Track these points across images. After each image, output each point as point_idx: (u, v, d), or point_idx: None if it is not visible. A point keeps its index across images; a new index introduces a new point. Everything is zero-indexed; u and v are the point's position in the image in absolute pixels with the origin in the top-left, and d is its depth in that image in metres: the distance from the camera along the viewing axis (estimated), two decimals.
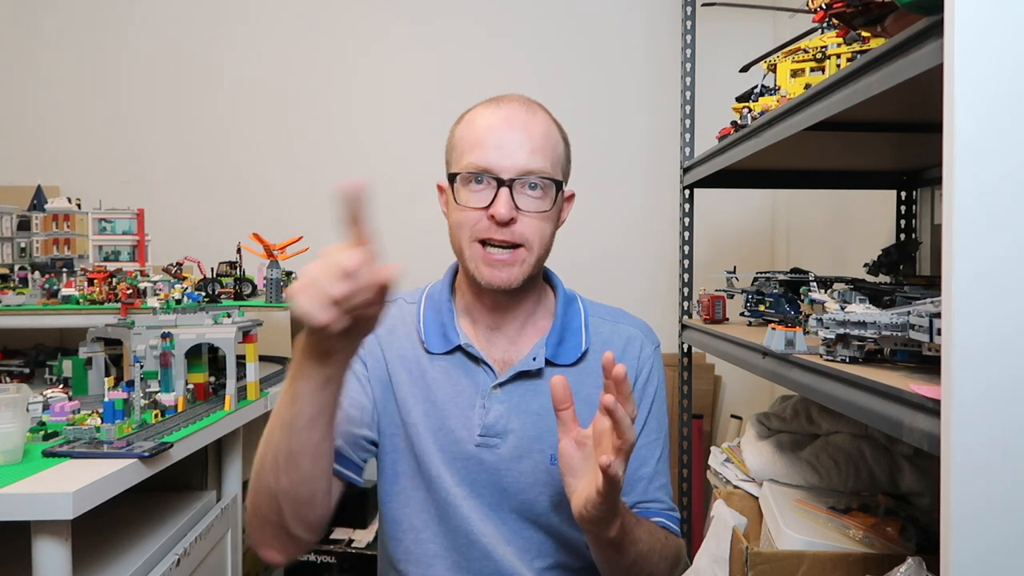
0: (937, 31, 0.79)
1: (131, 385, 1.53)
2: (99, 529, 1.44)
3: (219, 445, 1.78)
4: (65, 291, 2.17)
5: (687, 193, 2.31)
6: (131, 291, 2.13)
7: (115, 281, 2.16)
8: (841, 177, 2.15)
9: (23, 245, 2.41)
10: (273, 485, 0.89)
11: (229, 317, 1.78)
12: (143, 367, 1.61)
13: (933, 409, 0.83)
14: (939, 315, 0.86)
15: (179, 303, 1.94)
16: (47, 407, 1.53)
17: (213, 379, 1.83)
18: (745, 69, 1.90)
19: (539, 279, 1.12)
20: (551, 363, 1.08)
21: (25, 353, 2.35)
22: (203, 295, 2.20)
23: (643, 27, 3.21)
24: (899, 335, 1.00)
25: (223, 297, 2.32)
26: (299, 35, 3.25)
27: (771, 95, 1.60)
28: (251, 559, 2.05)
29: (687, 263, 2.33)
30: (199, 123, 3.26)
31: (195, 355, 1.71)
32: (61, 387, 1.73)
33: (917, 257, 2.02)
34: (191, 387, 1.70)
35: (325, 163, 3.25)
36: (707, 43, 2.66)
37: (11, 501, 1.09)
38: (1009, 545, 0.74)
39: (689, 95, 2.35)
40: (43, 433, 1.40)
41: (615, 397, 0.80)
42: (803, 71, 1.47)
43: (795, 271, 1.80)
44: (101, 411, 1.43)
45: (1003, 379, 0.74)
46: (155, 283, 2.16)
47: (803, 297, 1.45)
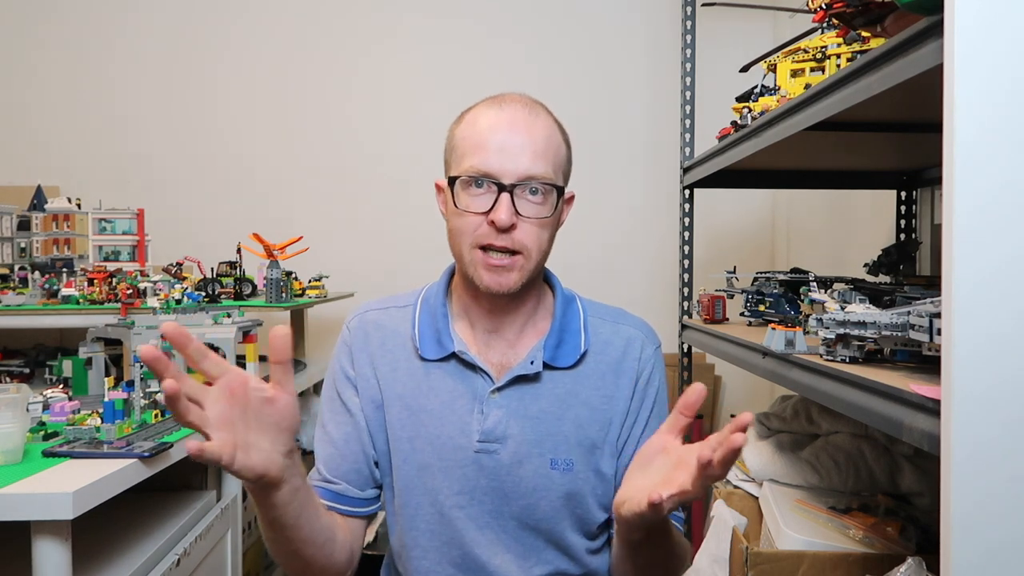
0: (937, 31, 0.79)
1: (131, 385, 1.53)
2: (99, 529, 1.44)
3: None
4: (65, 291, 2.17)
5: (687, 193, 2.31)
6: (131, 291, 2.13)
7: (115, 281, 2.16)
8: (841, 177, 2.15)
9: (23, 245, 2.41)
10: (289, 563, 0.99)
11: (229, 317, 1.78)
12: (143, 367, 1.61)
13: (933, 409, 0.83)
14: (939, 315, 0.86)
15: (179, 303, 1.94)
16: (47, 407, 1.53)
17: None
18: (745, 69, 1.90)
19: (538, 281, 1.11)
20: (549, 366, 1.06)
21: (25, 353, 2.35)
22: (203, 295, 2.20)
23: (643, 27, 3.21)
24: (899, 335, 1.00)
25: (223, 297, 2.32)
26: (299, 35, 3.25)
27: (771, 95, 1.60)
28: (251, 559, 2.05)
29: (687, 263, 2.33)
30: (199, 123, 3.26)
31: None
32: (61, 387, 1.73)
33: (917, 257, 2.02)
34: None
35: (325, 163, 3.25)
36: (707, 43, 2.66)
37: (11, 501, 1.09)
38: (1009, 545, 0.74)
39: (689, 95, 2.35)
40: (43, 433, 1.40)
41: (715, 456, 0.73)
42: (803, 71, 1.47)
43: (795, 271, 1.80)
44: (101, 411, 1.43)
45: (1003, 379, 0.74)
46: (155, 283, 2.16)
47: (803, 297, 1.45)
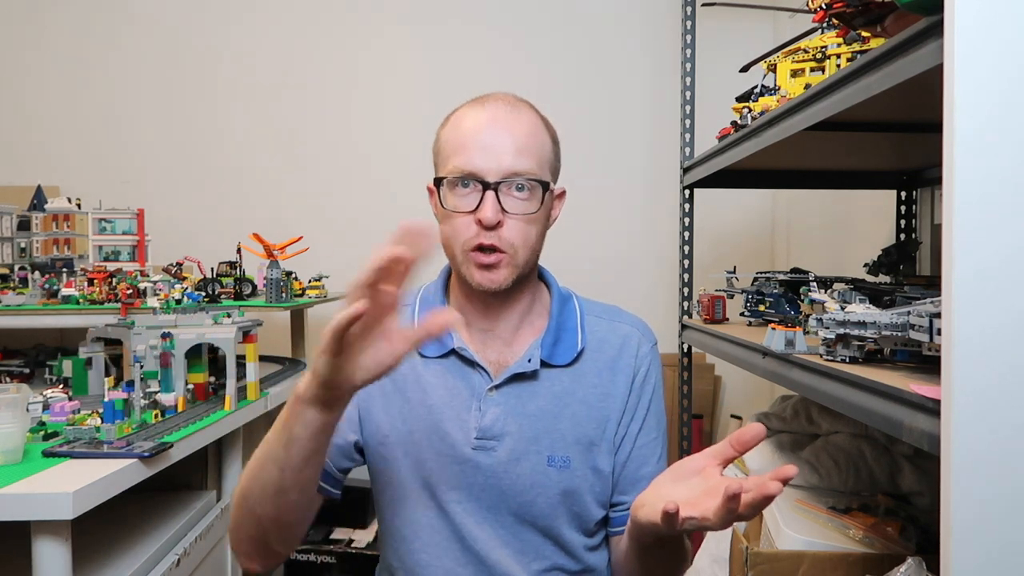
0: (937, 31, 0.79)
1: (131, 385, 1.53)
2: (99, 529, 1.44)
3: (219, 445, 1.78)
4: (65, 291, 2.17)
5: (687, 193, 2.31)
6: (131, 291, 2.13)
7: (115, 281, 2.16)
8: (841, 177, 2.15)
9: (23, 245, 2.41)
10: (259, 512, 0.93)
11: (229, 317, 1.78)
12: (143, 367, 1.61)
13: (933, 409, 0.83)
14: (939, 315, 0.86)
15: (179, 303, 1.94)
16: (47, 407, 1.54)
17: (213, 379, 1.83)
18: (745, 69, 1.90)
19: (532, 279, 1.11)
20: (547, 364, 1.07)
21: (25, 353, 2.35)
22: (203, 295, 2.20)
23: (643, 27, 3.21)
24: (899, 335, 1.00)
25: (223, 297, 2.32)
26: (300, 36, 3.25)
27: (771, 95, 1.60)
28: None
29: (687, 263, 2.33)
30: (199, 123, 3.26)
31: (195, 355, 1.71)
32: (61, 387, 1.73)
33: (917, 257, 2.02)
34: (191, 387, 1.70)
35: (325, 163, 3.25)
36: (707, 43, 2.66)
37: (11, 501, 1.09)
38: (1009, 545, 0.74)
39: (689, 95, 2.35)
40: (43, 433, 1.40)
41: (745, 496, 0.73)
42: (803, 71, 1.47)
43: (795, 271, 1.80)
44: (101, 411, 1.43)
45: (1003, 379, 0.74)
46: (155, 283, 2.16)
47: (803, 297, 1.45)
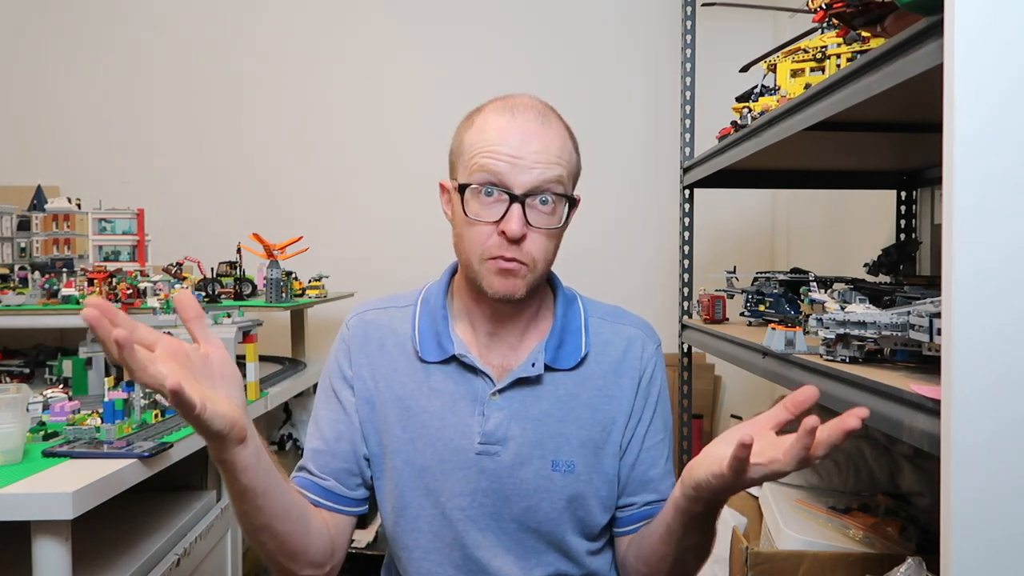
0: (937, 31, 0.79)
1: (131, 385, 1.53)
2: (99, 529, 1.44)
3: None
4: (65, 291, 2.17)
5: (687, 193, 2.31)
6: (131, 291, 2.13)
7: (115, 281, 2.16)
8: (841, 177, 2.15)
9: (23, 245, 2.41)
10: (266, 542, 0.96)
11: (229, 317, 1.78)
12: None
13: (933, 409, 0.83)
14: (939, 315, 0.86)
15: None
16: (47, 407, 1.54)
17: None
18: (745, 69, 1.90)
19: (542, 285, 1.09)
20: (550, 368, 1.05)
21: (25, 353, 2.35)
22: (203, 295, 2.20)
23: (643, 27, 3.21)
24: (899, 335, 1.00)
25: (223, 297, 2.32)
26: (300, 36, 3.25)
27: (771, 95, 1.60)
28: (251, 559, 2.05)
29: (687, 263, 2.33)
30: (199, 123, 3.27)
31: None
32: (61, 387, 1.73)
33: (917, 257, 2.02)
34: None
35: (326, 163, 3.25)
36: (707, 43, 2.66)
37: (11, 501, 1.09)
38: (1009, 544, 0.74)
39: (689, 95, 2.35)
40: (43, 433, 1.40)
41: (822, 433, 0.72)
42: (803, 71, 1.47)
43: (795, 271, 1.80)
44: (101, 411, 1.43)
45: (1003, 379, 0.74)
46: (155, 283, 2.16)
47: (803, 297, 1.45)
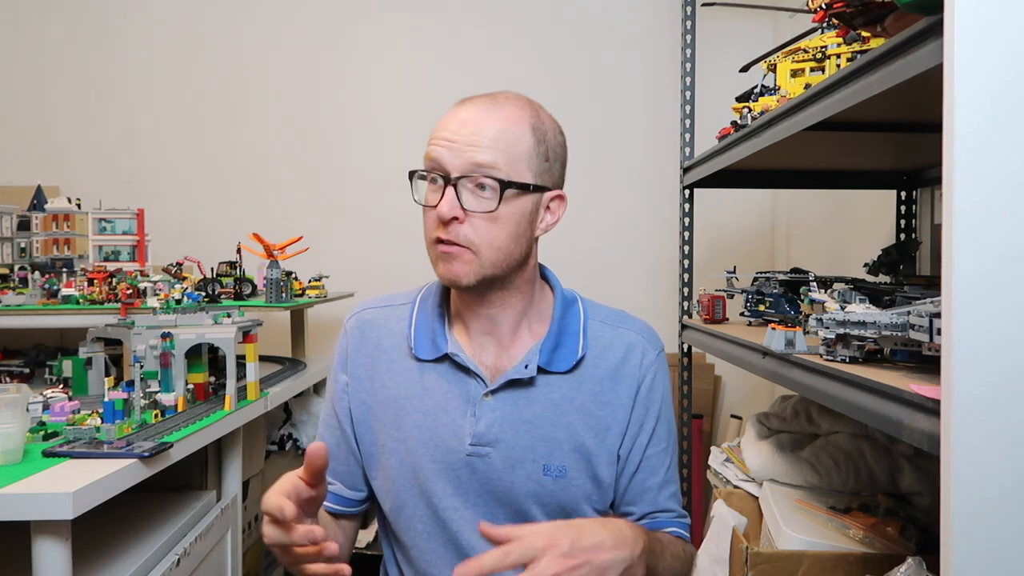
0: (937, 31, 0.79)
1: (131, 385, 1.53)
2: (99, 529, 1.44)
3: (219, 445, 1.78)
4: (65, 291, 2.17)
5: (687, 193, 2.31)
6: (131, 291, 2.13)
7: (115, 281, 2.16)
8: (841, 177, 2.16)
9: (23, 245, 2.41)
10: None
11: (229, 317, 1.78)
12: (143, 367, 1.61)
13: (933, 409, 0.83)
14: (939, 315, 0.86)
15: (179, 303, 1.93)
16: (47, 407, 1.53)
17: (213, 379, 1.83)
18: (745, 69, 1.90)
19: (521, 282, 1.06)
20: (545, 370, 1.04)
21: (25, 353, 2.35)
22: (203, 295, 2.20)
23: (643, 27, 3.21)
24: (899, 335, 1.00)
25: (223, 297, 2.32)
26: (301, 37, 3.25)
27: (771, 95, 1.60)
28: (251, 559, 2.05)
29: (687, 263, 2.33)
30: (199, 123, 3.27)
31: (195, 355, 1.71)
32: (61, 387, 1.73)
33: (917, 257, 2.02)
34: (191, 387, 1.70)
35: (326, 163, 3.25)
36: (707, 43, 2.67)
37: (11, 501, 1.09)
38: (1009, 545, 0.74)
39: (689, 95, 2.35)
40: (43, 433, 1.40)
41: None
42: (803, 71, 1.47)
43: (795, 271, 1.80)
44: (101, 411, 1.43)
45: (1003, 379, 0.74)
46: (155, 283, 2.16)
47: (803, 297, 1.45)
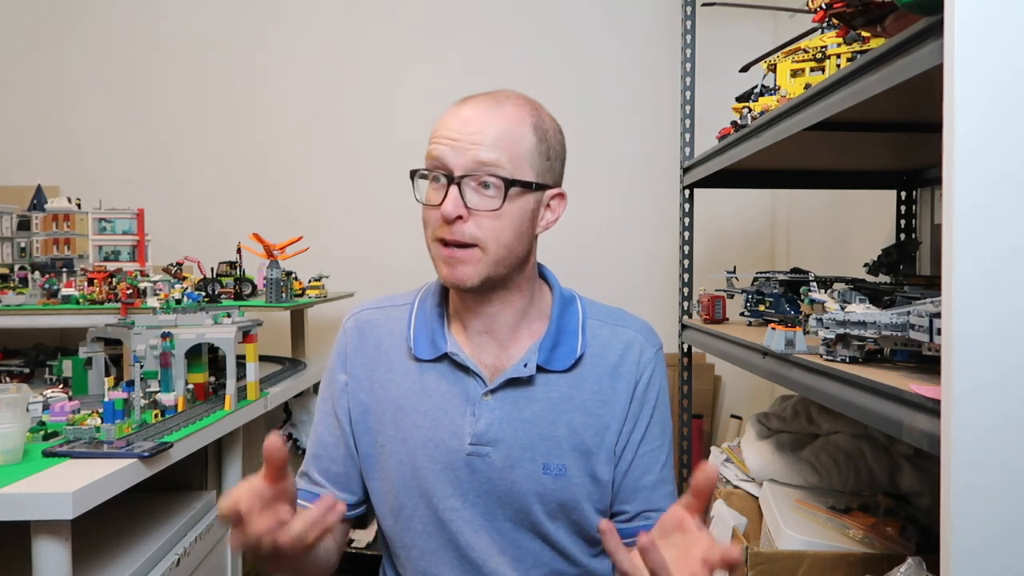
0: (937, 31, 0.79)
1: (131, 385, 1.53)
2: (99, 529, 1.44)
3: (219, 445, 1.78)
4: (65, 291, 2.17)
5: (687, 193, 2.31)
6: (131, 291, 2.13)
7: (115, 281, 2.16)
8: (841, 177, 2.16)
9: (23, 245, 2.41)
10: None
11: (229, 317, 1.78)
12: (143, 367, 1.61)
13: (933, 409, 0.83)
14: (939, 315, 0.86)
15: (179, 303, 1.94)
16: (47, 407, 1.54)
17: (213, 379, 1.83)
18: (745, 69, 1.90)
19: (523, 280, 1.06)
20: (544, 369, 1.04)
21: (25, 353, 2.35)
22: (203, 295, 2.20)
23: (643, 27, 3.21)
24: (899, 335, 1.00)
25: (223, 297, 2.32)
26: (301, 37, 3.25)
27: (771, 95, 1.60)
28: (251, 559, 2.05)
29: (687, 263, 2.33)
30: (199, 123, 3.27)
31: (195, 355, 1.71)
32: (61, 387, 1.74)
33: (917, 257, 2.02)
34: (191, 387, 1.70)
35: (326, 163, 3.25)
36: (707, 43, 2.67)
37: (11, 501, 1.09)
38: (1009, 545, 0.74)
39: (689, 95, 2.35)
40: (43, 433, 1.40)
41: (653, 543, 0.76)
42: (803, 71, 1.47)
43: (795, 271, 1.80)
44: (101, 411, 1.43)
45: (1003, 379, 0.74)
46: (155, 283, 2.16)
47: (803, 297, 1.45)
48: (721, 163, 1.87)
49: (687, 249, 2.33)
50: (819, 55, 1.43)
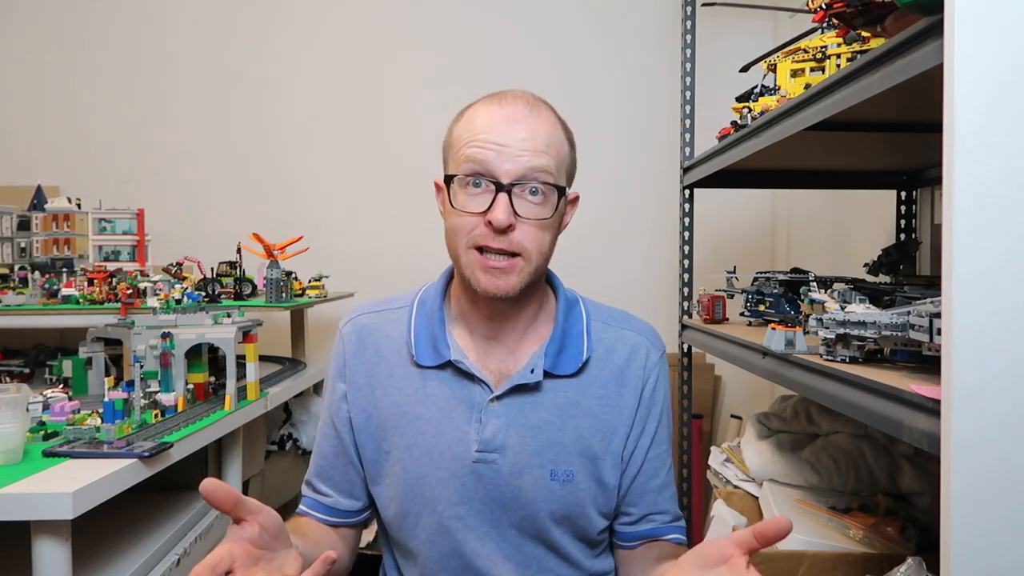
0: (937, 31, 0.79)
1: (131, 385, 1.53)
2: (99, 529, 1.44)
3: (219, 445, 1.78)
4: (65, 291, 2.17)
5: (687, 193, 2.31)
6: (131, 291, 2.13)
7: (115, 281, 2.16)
8: (841, 177, 2.15)
9: (23, 245, 2.41)
10: None
11: (229, 317, 1.78)
12: (143, 367, 1.61)
13: (933, 409, 0.83)
14: (939, 315, 0.86)
15: (179, 303, 1.94)
16: (47, 407, 1.54)
17: (213, 379, 1.83)
18: (745, 69, 1.90)
19: (540, 284, 1.07)
20: (550, 374, 1.03)
21: (25, 353, 2.35)
22: (203, 295, 2.20)
23: (643, 27, 3.21)
24: (899, 335, 1.00)
25: (223, 297, 2.32)
26: (301, 37, 3.25)
27: (771, 95, 1.60)
28: None
29: (687, 263, 2.33)
30: (199, 123, 3.26)
31: (195, 355, 1.71)
32: (61, 387, 1.73)
33: (917, 257, 2.02)
34: (191, 387, 1.70)
35: (326, 163, 3.25)
36: (707, 43, 2.66)
37: (11, 501, 1.09)
38: (1009, 545, 0.74)
39: (689, 95, 2.35)
40: (43, 433, 1.40)
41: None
42: (803, 71, 1.47)
43: (795, 271, 1.80)
44: (101, 411, 1.43)
45: (1003, 379, 0.74)
46: (155, 283, 2.16)
47: (803, 297, 1.45)
48: (721, 163, 1.87)
49: (687, 249, 2.33)
50: (819, 55, 1.43)
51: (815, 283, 1.49)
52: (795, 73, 1.49)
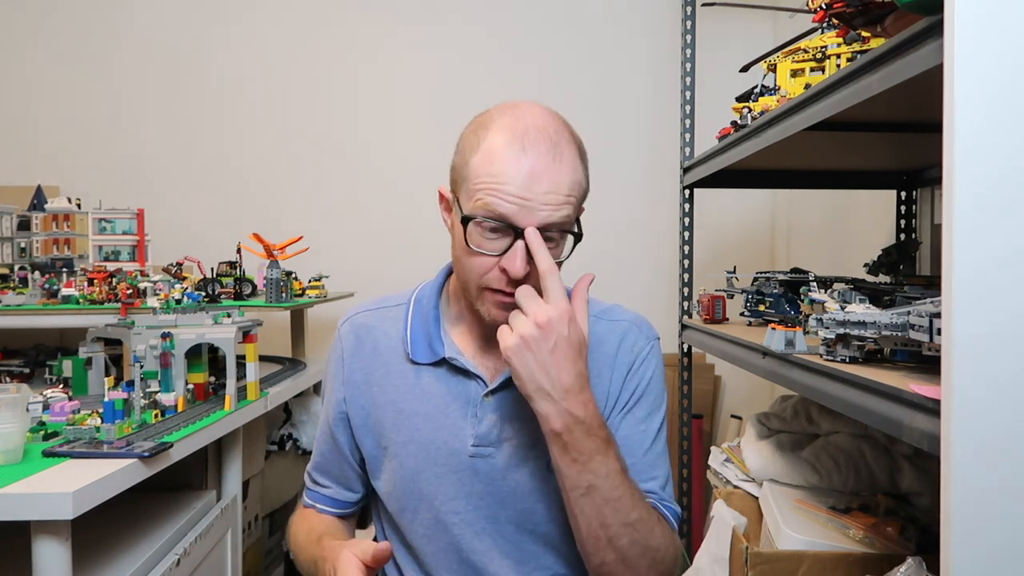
0: (937, 31, 0.79)
1: (131, 385, 1.53)
2: (99, 529, 1.44)
3: (219, 445, 1.78)
4: (65, 291, 2.17)
5: (687, 193, 2.31)
6: (131, 291, 2.13)
7: (115, 281, 2.16)
8: (841, 177, 2.16)
9: (23, 245, 2.41)
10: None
11: (229, 317, 1.78)
12: (143, 367, 1.61)
13: (933, 409, 0.83)
14: (939, 315, 0.86)
15: (179, 303, 1.93)
16: (47, 407, 1.53)
17: (213, 379, 1.83)
18: (745, 69, 1.90)
19: None
20: None
21: (25, 353, 2.35)
22: (203, 295, 2.20)
23: (643, 27, 3.21)
24: (899, 335, 1.00)
25: (223, 297, 2.32)
26: (301, 38, 3.25)
27: (771, 95, 1.60)
28: (251, 559, 2.05)
29: (687, 263, 2.33)
30: (199, 123, 3.27)
31: (195, 355, 1.71)
32: (61, 387, 1.73)
33: (917, 257, 2.02)
34: (191, 387, 1.70)
35: (326, 163, 3.25)
36: (707, 43, 2.66)
37: (11, 501, 1.09)
38: (1009, 545, 0.74)
39: (689, 95, 2.35)
40: (43, 433, 1.40)
41: None
42: (803, 71, 1.47)
43: (795, 271, 1.80)
44: (101, 411, 1.43)
45: (1003, 379, 0.74)
46: (155, 283, 2.16)
47: (803, 297, 1.45)
48: (721, 163, 1.87)
49: (687, 249, 2.33)
50: (819, 55, 1.43)
51: (815, 283, 1.49)
52: (795, 73, 1.49)
